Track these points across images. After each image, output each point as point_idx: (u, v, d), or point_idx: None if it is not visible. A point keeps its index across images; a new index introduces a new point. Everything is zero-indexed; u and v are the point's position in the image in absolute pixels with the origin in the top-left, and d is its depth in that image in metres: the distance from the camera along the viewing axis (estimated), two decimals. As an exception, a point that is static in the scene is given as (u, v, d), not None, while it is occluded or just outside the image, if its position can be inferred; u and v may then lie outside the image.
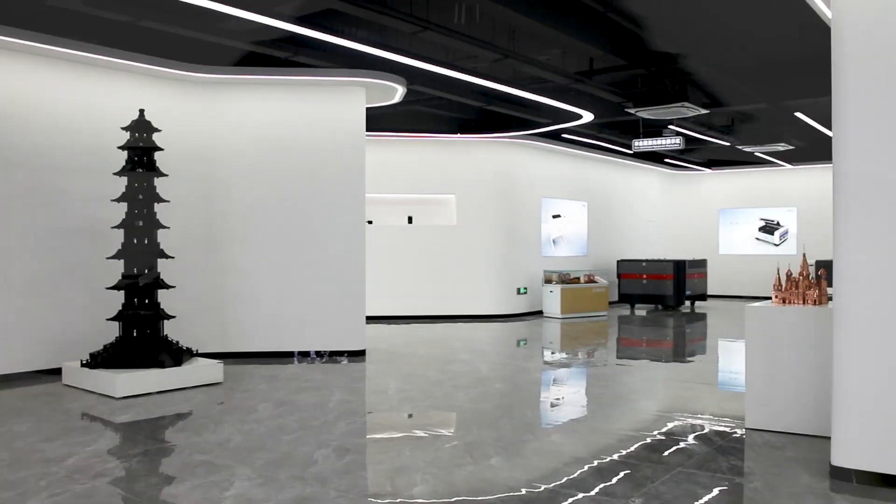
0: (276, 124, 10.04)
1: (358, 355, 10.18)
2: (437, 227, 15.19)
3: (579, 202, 17.65)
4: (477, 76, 9.32)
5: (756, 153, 15.83)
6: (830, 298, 6.29)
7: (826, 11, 6.61)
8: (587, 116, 12.04)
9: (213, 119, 9.86)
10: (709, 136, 14.42)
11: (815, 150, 16.81)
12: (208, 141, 9.86)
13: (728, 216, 20.40)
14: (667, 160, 18.93)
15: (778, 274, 6.32)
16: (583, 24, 9.47)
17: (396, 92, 10.43)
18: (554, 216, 16.90)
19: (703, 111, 11.41)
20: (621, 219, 19.21)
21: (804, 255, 6.32)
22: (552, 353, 11.49)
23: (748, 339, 6.14)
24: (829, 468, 4.88)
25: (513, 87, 10.00)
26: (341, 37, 7.87)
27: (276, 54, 8.96)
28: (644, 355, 11.17)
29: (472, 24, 8.76)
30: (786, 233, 19.47)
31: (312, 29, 7.59)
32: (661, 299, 16.80)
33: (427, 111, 14.09)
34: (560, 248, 17.07)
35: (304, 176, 10.09)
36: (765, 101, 11.88)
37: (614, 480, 4.83)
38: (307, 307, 10.07)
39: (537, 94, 10.42)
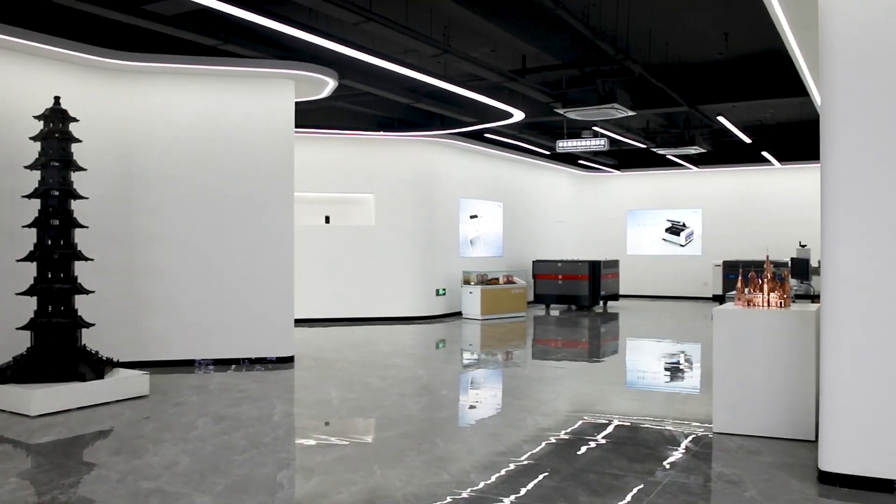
0: (201, 117, 9.36)
1: (286, 362, 9.64)
2: (355, 227, 14.72)
3: (495, 203, 17.58)
4: (417, 70, 8.96)
5: (669, 156, 16.20)
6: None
7: (777, 9, 6.69)
8: (518, 115, 11.91)
9: (134, 110, 9.08)
10: (626, 138, 14.63)
11: (720, 153, 17.40)
12: (128, 133, 9.07)
13: (636, 217, 20.88)
14: (580, 161, 19.15)
15: (741, 276, 6.32)
16: (522, 21, 9.33)
17: (326, 86, 9.94)
18: (471, 216, 16.75)
19: (631, 113, 11.49)
20: (535, 219, 19.31)
21: (767, 257, 6.33)
22: (485, 356, 11.28)
23: (716, 343, 6.09)
24: (818, 473, 4.86)
25: (451, 83, 9.70)
26: (280, 21, 7.33)
27: (205, 41, 8.30)
28: (575, 356, 11.12)
29: (413, 17, 8.42)
30: (691, 234, 20.10)
31: (250, 11, 7.02)
32: (575, 299, 16.96)
33: (347, 108, 13.62)
34: (477, 249, 16.94)
35: (230, 173, 9.46)
36: (686, 104, 12.10)
37: (607, 495, 4.62)
38: (232, 311, 9.44)
39: (473, 91, 10.17)
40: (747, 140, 14.20)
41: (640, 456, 5.48)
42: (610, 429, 6.34)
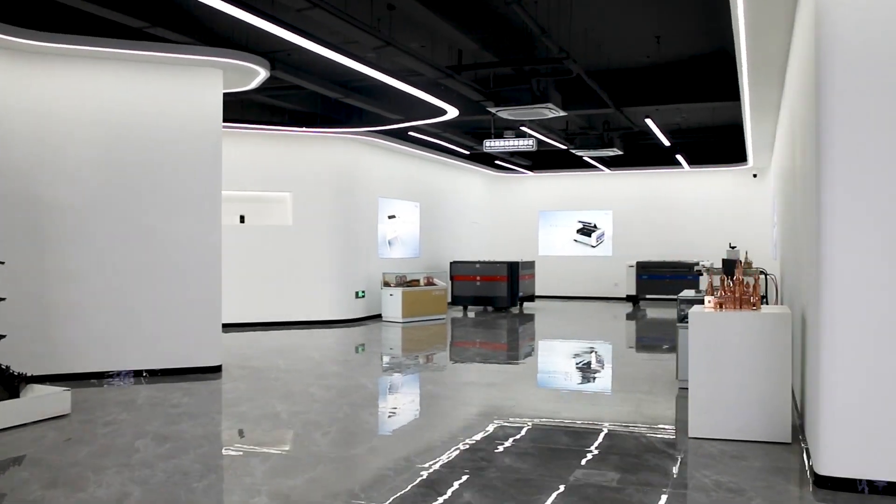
0: (122, 106, 8.55)
1: (213, 371, 8.95)
2: (271, 227, 14.02)
3: (412, 203, 17.22)
4: (363, 63, 8.49)
5: (585, 158, 16.32)
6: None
7: (739, 11, 6.69)
8: (452, 112, 11.60)
9: (47, 96, 8.18)
10: (549, 139, 14.59)
11: (631, 156, 17.66)
12: (40, 121, 8.16)
13: (547, 218, 21.01)
14: (496, 162, 19.06)
15: (711, 279, 6.25)
16: (465, 14, 9.05)
17: (257, 76, 9.30)
18: (389, 217, 16.33)
19: (562, 113, 11.42)
20: (450, 220, 19.09)
21: (738, 261, 6.29)
22: (423, 362, 10.88)
23: (692, 347, 5.98)
24: (814, 477, 4.79)
25: (395, 77, 9.28)
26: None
27: (129, 23, 7.55)
28: (512, 359, 10.92)
29: (352, 3, 7.97)
30: (602, 235, 20.40)
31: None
32: (493, 301, 16.82)
33: (264, 101, 12.93)
34: (394, 250, 16.54)
35: (152, 167, 8.69)
36: (613, 106, 12.15)
37: (618, 510, 4.38)
38: (154, 318, 8.68)
39: (414, 86, 9.79)
40: (667, 143, 14.46)
41: (629, 465, 5.28)
42: (586, 436, 6.12)
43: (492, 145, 13.27)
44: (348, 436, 6.18)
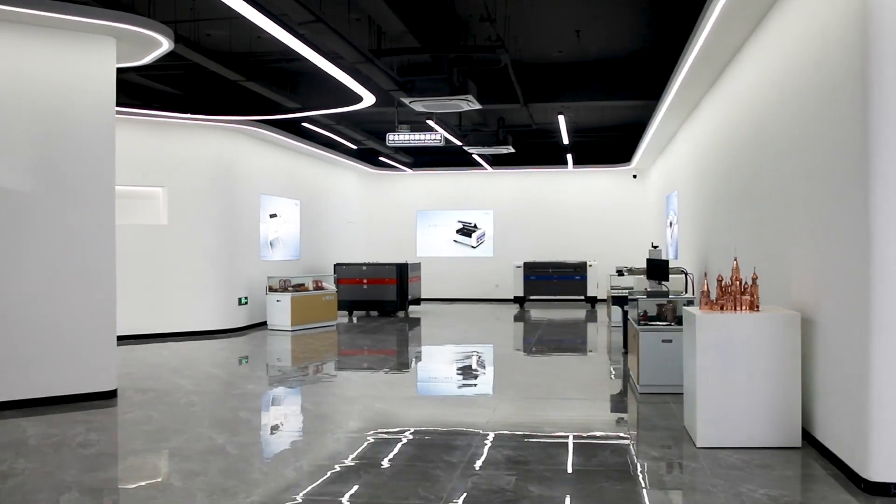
0: (-5, 76, 7.04)
1: (107, 398, 7.60)
2: (142, 226, 12.44)
3: (293, 200, 16.06)
4: (293, 34, 7.46)
5: (475, 155, 15.90)
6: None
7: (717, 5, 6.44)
8: (369, 100, 10.70)
9: None
10: (447, 134, 14.02)
11: (517, 154, 17.41)
12: None
13: (426, 218, 20.42)
14: (381, 158, 18.23)
15: (706, 280, 5.90)
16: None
17: (158, 48, 7.97)
18: (271, 216, 15.10)
19: (478, 106, 10.87)
20: (329, 219, 18.05)
21: (735, 259, 5.97)
22: (350, 374, 9.89)
23: (700, 352, 5.58)
24: (863, 483, 4.51)
25: (323, 55, 8.31)
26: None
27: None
28: (425, 364, 10.24)
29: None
30: (482, 235, 20.07)
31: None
32: (383, 305, 16.01)
33: (140, 83, 11.40)
34: (276, 252, 15.32)
35: (28, 155, 7.24)
36: (523, 101, 11.79)
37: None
38: (30, 337, 7.22)
39: (342, 69, 8.85)
40: (567, 141, 14.32)
41: (663, 483, 4.77)
42: (592, 451, 5.56)
43: (396, 139, 12.50)
44: (323, 469, 5.24)
